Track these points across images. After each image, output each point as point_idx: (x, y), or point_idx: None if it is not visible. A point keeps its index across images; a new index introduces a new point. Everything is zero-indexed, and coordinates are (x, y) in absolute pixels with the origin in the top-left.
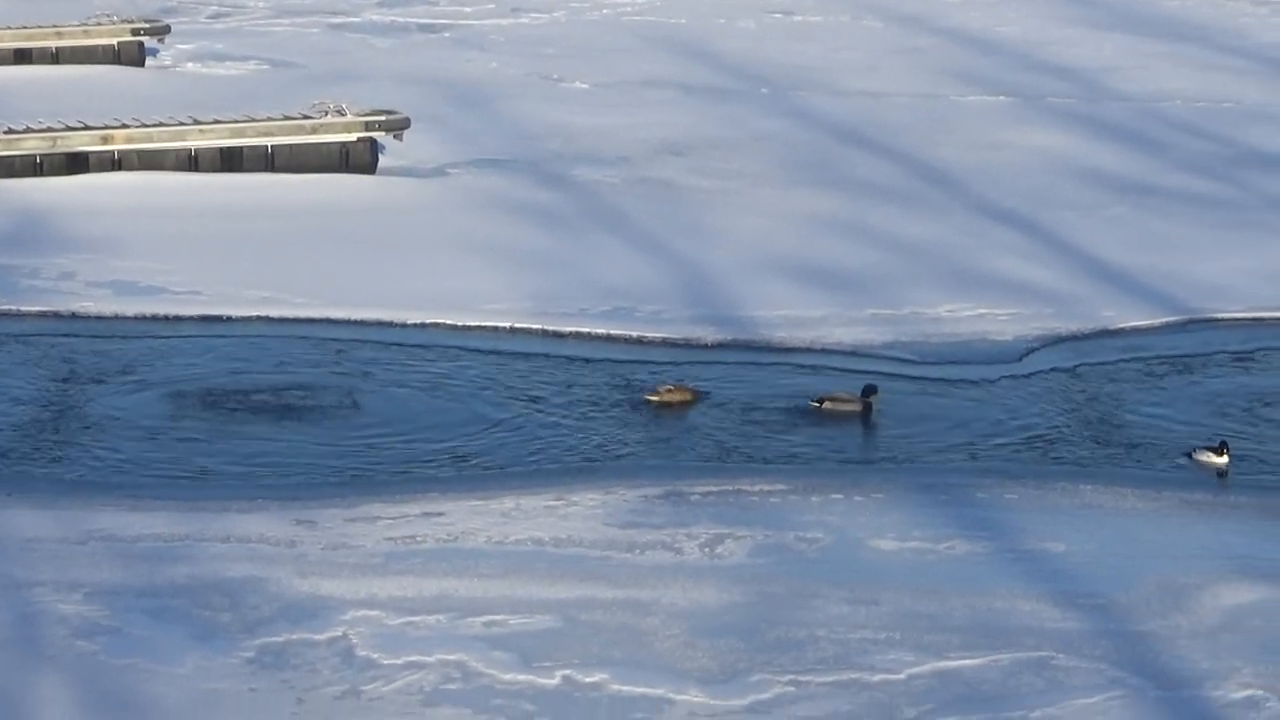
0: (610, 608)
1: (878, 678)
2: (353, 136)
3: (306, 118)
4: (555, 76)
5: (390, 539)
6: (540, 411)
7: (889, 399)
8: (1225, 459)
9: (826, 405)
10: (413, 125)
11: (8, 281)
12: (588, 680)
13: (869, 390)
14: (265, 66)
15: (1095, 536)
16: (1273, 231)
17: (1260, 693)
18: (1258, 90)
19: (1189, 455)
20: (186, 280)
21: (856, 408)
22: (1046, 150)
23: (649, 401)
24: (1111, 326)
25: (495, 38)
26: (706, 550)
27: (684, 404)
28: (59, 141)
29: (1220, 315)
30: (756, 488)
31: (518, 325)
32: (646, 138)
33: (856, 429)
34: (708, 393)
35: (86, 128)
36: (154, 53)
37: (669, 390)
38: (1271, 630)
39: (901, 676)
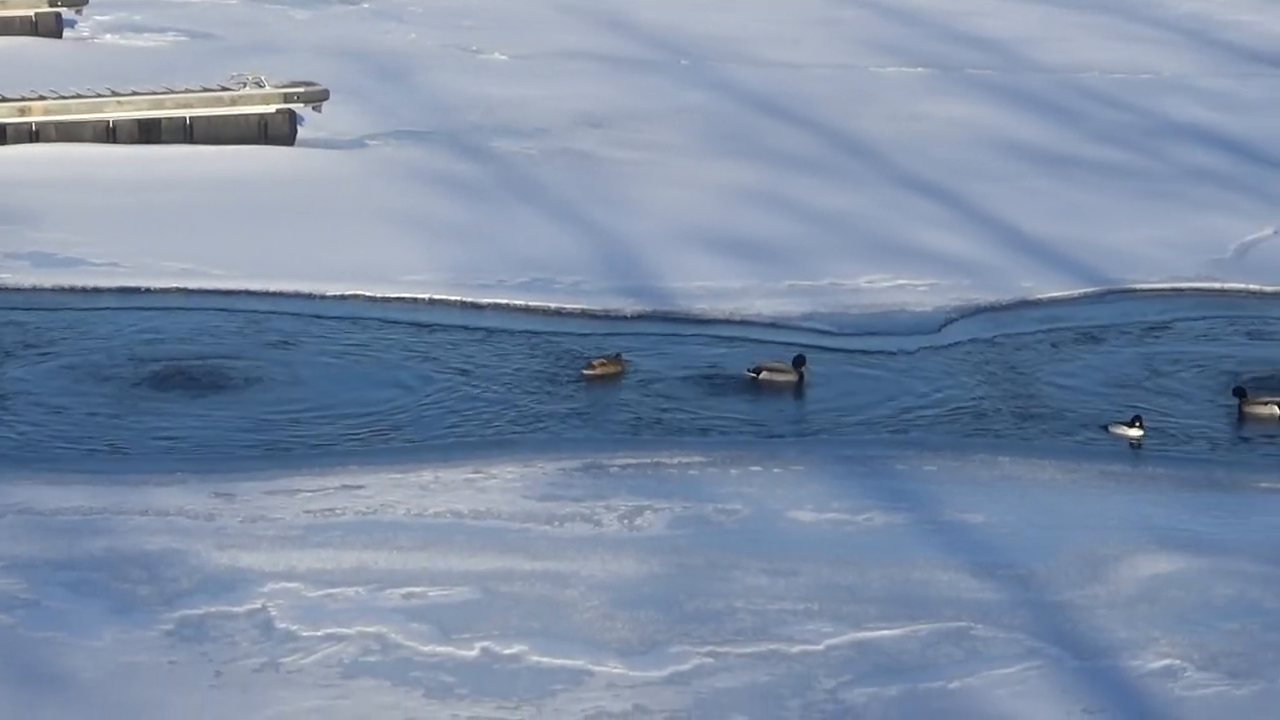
0: (529, 579)
1: (796, 649)
2: (271, 108)
3: (225, 89)
4: (474, 48)
5: (309, 511)
6: (460, 384)
7: (808, 368)
8: (1139, 432)
9: (763, 375)
10: (331, 97)
11: None
12: (506, 652)
13: (799, 360)
14: (183, 38)
15: (1014, 508)
16: (1189, 202)
17: (1178, 662)
18: (1175, 61)
19: (1105, 429)
20: (105, 252)
21: (792, 378)
22: (965, 121)
23: (585, 376)
24: (1029, 297)
25: (414, 9)
26: (625, 522)
27: (617, 375)
28: None
29: (1137, 286)
30: (675, 460)
31: (437, 297)
32: (565, 109)
33: (774, 400)
34: (629, 362)
35: (4, 100)
36: (71, 24)
37: (603, 364)
38: (1189, 600)
39: (820, 647)
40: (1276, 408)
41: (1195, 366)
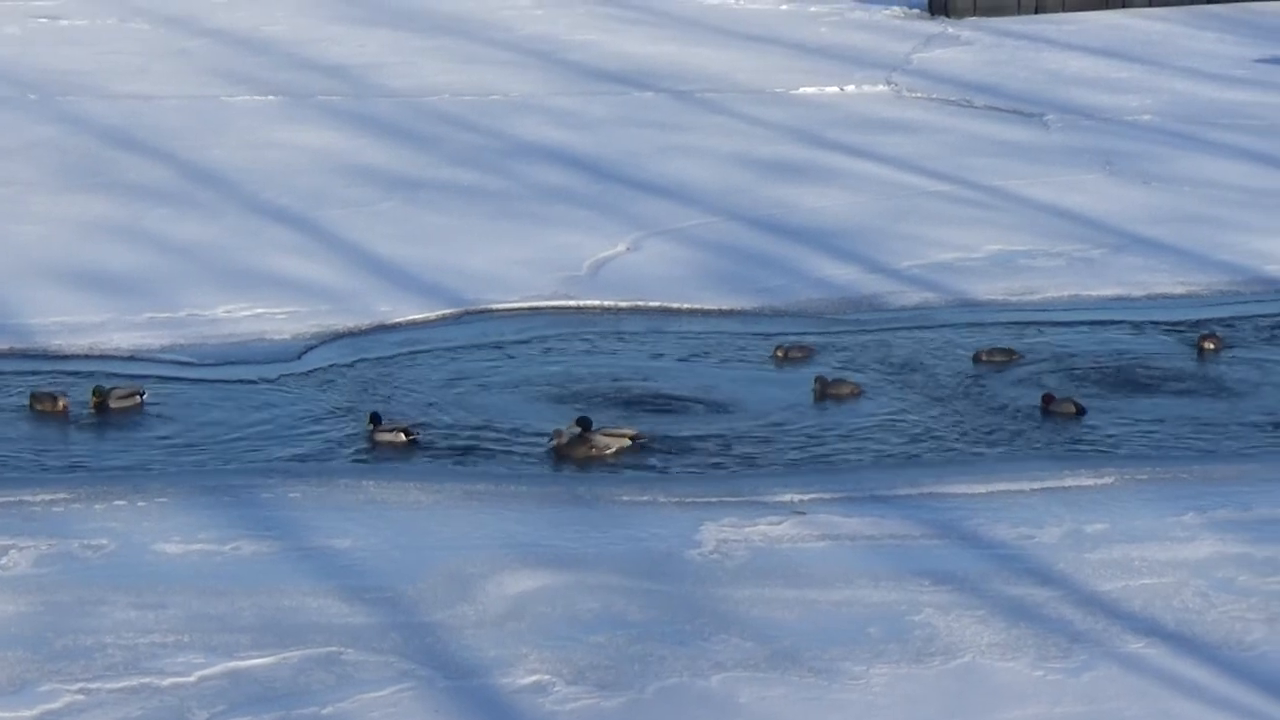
0: None
1: (168, 681)
2: None
3: None
4: None
5: None
6: None
7: (169, 400)
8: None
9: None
10: None
11: None
12: None
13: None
14: None
15: (380, 531)
16: (543, 221)
17: (547, 678)
18: (523, 82)
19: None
20: None
21: (134, 402)
22: (316, 148)
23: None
24: (387, 321)
25: None
26: None
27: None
28: None
29: (494, 306)
30: (39, 497)
31: None
32: None
33: (134, 433)
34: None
35: None
36: None
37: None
38: (555, 615)
39: (192, 679)
40: (403, 434)
41: (541, 383)
